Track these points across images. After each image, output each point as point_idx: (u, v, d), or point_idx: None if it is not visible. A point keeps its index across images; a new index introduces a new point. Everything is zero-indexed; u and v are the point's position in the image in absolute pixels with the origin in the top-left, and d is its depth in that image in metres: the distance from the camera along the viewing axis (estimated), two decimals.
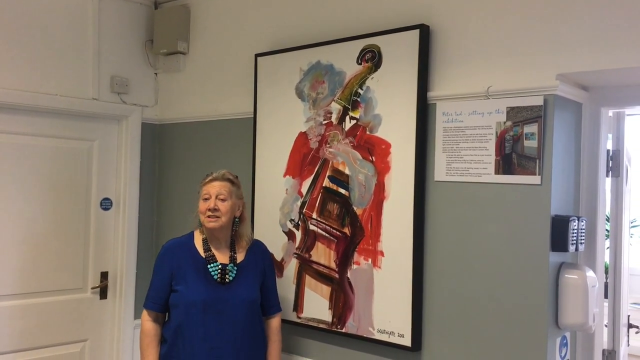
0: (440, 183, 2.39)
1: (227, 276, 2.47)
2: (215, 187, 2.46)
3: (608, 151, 2.46)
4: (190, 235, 2.57)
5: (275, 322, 2.63)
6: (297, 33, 2.89)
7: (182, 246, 2.53)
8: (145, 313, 2.51)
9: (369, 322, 2.53)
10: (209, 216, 2.44)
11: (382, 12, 2.58)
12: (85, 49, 3.32)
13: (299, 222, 2.79)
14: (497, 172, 2.24)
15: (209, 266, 2.47)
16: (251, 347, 2.51)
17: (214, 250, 2.51)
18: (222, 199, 2.45)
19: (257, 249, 2.63)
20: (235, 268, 2.50)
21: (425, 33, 2.41)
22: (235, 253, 2.53)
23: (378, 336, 2.51)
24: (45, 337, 3.23)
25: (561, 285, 2.20)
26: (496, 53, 2.27)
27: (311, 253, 2.74)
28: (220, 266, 2.48)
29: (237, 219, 2.54)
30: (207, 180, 2.49)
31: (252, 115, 3.02)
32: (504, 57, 2.25)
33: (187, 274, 2.46)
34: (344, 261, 2.62)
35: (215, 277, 2.46)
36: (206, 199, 2.46)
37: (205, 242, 2.52)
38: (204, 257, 2.49)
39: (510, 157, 2.21)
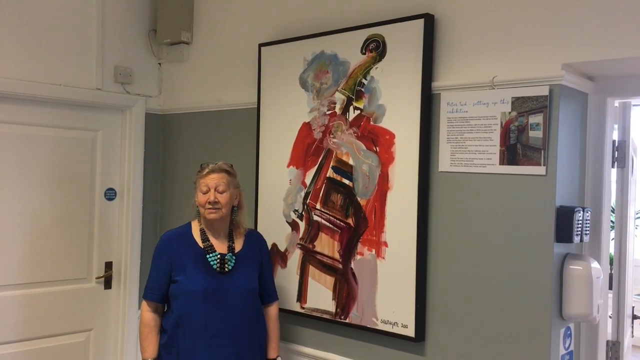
0: (444, 174, 2.38)
1: (226, 265, 2.49)
2: (214, 179, 2.46)
3: (614, 142, 2.45)
4: (188, 226, 2.58)
5: (273, 311, 2.65)
6: (301, 23, 2.87)
7: (181, 237, 2.54)
8: (144, 304, 2.52)
9: (372, 313, 2.54)
10: (209, 208, 2.45)
11: (387, 1, 2.56)
12: (88, 39, 3.31)
13: (303, 213, 2.79)
14: (501, 162, 2.23)
15: (208, 256, 2.49)
16: (251, 335, 2.53)
17: (212, 240, 2.52)
18: (221, 191, 2.46)
19: (255, 239, 2.64)
20: (234, 257, 2.51)
21: (429, 22, 2.39)
22: (233, 243, 2.55)
23: (381, 326, 2.51)
24: (50, 327, 3.25)
25: (565, 276, 2.19)
26: (501, 43, 2.25)
27: (315, 244, 2.74)
28: (219, 256, 2.49)
29: (235, 208, 2.55)
30: (204, 173, 2.49)
31: (256, 106, 3.01)
32: (509, 46, 2.23)
33: (187, 265, 2.48)
34: (348, 252, 2.61)
35: (215, 266, 2.47)
36: (205, 192, 2.46)
37: (202, 232, 2.53)
38: (202, 247, 2.50)
39: (515, 147, 2.20)
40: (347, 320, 2.62)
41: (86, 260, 3.40)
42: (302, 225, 2.80)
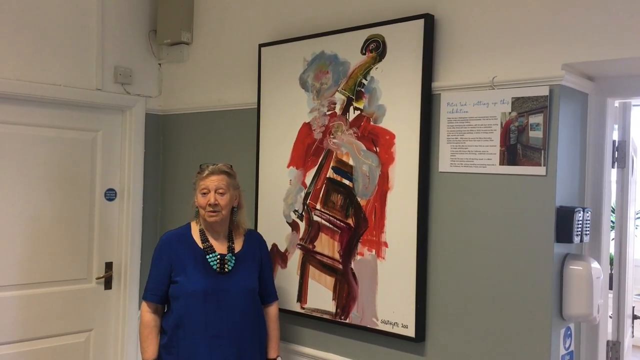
0: (444, 174, 2.38)
1: (226, 266, 2.49)
2: (214, 182, 2.46)
3: (614, 142, 2.44)
4: (187, 227, 2.58)
5: (273, 310, 2.66)
6: (301, 23, 2.87)
7: (180, 238, 2.54)
8: (144, 305, 2.52)
9: (372, 313, 2.54)
10: (209, 211, 2.45)
11: (387, 1, 2.56)
12: (88, 39, 3.31)
13: (303, 213, 2.79)
14: (501, 163, 2.23)
15: (207, 257, 2.48)
16: (251, 335, 2.53)
17: (211, 241, 2.52)
18: (221, 193, 2.46)
19: (254, 239, 2.65)
20: (234, 258, 2.51)
21: (429, 23, 2.39)
22: (233, 243, 2.55)
23: (382, 327, 2.51)
24: (50, 327, 3.25)
25: (566, 276, 2.19)
26: (501, 43, 2.25)
27: (315, 244, 2.74)
28: (219, 256, 2.49)
29: (235, 209, 2.55)
30: (204, 175, 2.49)
31: (256, 106, 3.01)
32: (509, 47, 2.23)
33: (187, 265, 2.48)
34: (348, 252, 2.61)
35: (215, 267, 2.47)
36: (205, 194, 2.46)
37: (202, 232, 2.53)
38: (202, 247, 2.50)
39: (515, 147, 2.19)
40: (347, 321, 2.62)
41: (86, 260, 3.40)
42: (302, 225, 2.79)
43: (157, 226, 3.62)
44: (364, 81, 2.57)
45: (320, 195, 2.72)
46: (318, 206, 2.73)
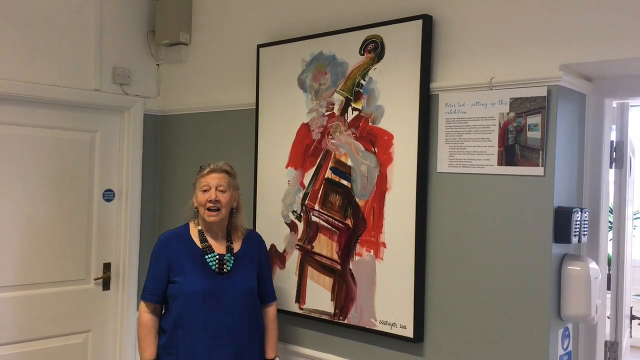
0: (442, 174, 2.38)
1: (224, 266, 2.49)
2: (215, 179, 2.47)
3: (612, 142, 2.45)
4: (186, 227, 2.58)
5: (271, 311, 2.66)
6: (300, 23, 2.88)
7: (179, 238, 2.54)
8: (143, 305, 2.52)
9: (371, 314, 2.54)
10: (209, 209, 2.45)
11: (385, 2, 2.57)
12: (87, 40, 3.31)
13: (301, 214, 2.79)
14: (500, 163, 2.23)
15: (206, 257, 2.48)
16: (250, 335, 2.53)
17: (210, 241, 2.52)
18: (221, 190, 2.47)
19: (253, 239, 2.65)
20: (233, 258, 2.51)
21: (428, 23, 2.39)
22: (231, 243, 2.55)
23: (380, 327, 2.51)
24: (48, 328, 3.25)
25: (564, 276, 2.20)
26: (499, 43, 2.26)
27: (313, 244, 2.74)
28: (217, 256, 2.49)
29: (234, 210, 2.55)
30: (205, 172, 2.49)
31: (255, 107, 3.01)
32: (507, 47, 2.24)
33: (185, 265, 2.47)
34: (346, 253, 2.61)
35: (213, 267, 2.47)
36: (205, 191, 2.46)
37: (201, 233, 2.53)
38: (200, 248, 2.50)
39: (513, 148, 2.20)
40: (345, 321, 2.62)
41: (84, 261, 3.39)
42: (300, 226, 2.79)
43: (155, 227, 3.62)
44: (362, 82, 2.57)
45: (319, 196, 2.72)
46: (316, 207, 2.73)
